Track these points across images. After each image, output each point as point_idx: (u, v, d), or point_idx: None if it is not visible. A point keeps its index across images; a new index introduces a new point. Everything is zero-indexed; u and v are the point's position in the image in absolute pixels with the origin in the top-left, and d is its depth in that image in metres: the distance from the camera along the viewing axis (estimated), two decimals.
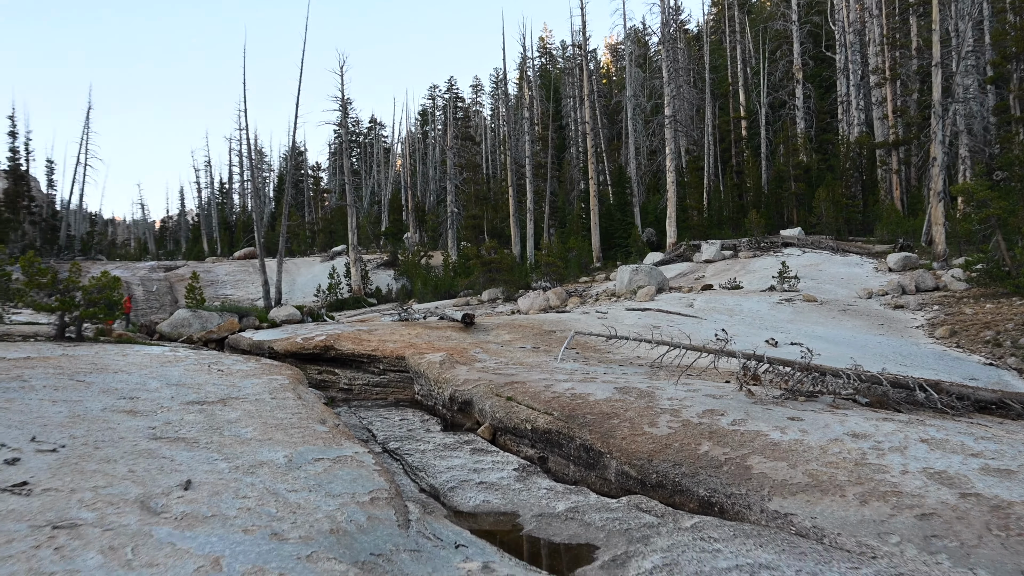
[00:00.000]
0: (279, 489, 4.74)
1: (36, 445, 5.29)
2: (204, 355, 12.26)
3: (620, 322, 13.33)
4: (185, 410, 7.07)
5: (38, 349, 11.07)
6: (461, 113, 54.00)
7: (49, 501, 4.08)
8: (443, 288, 28.21)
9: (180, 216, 69.98)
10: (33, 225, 46.15)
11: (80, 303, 12.74)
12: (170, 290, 30.52)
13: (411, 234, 47.90)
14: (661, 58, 35.49)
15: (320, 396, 9.92)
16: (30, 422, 6.07)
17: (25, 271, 12.74)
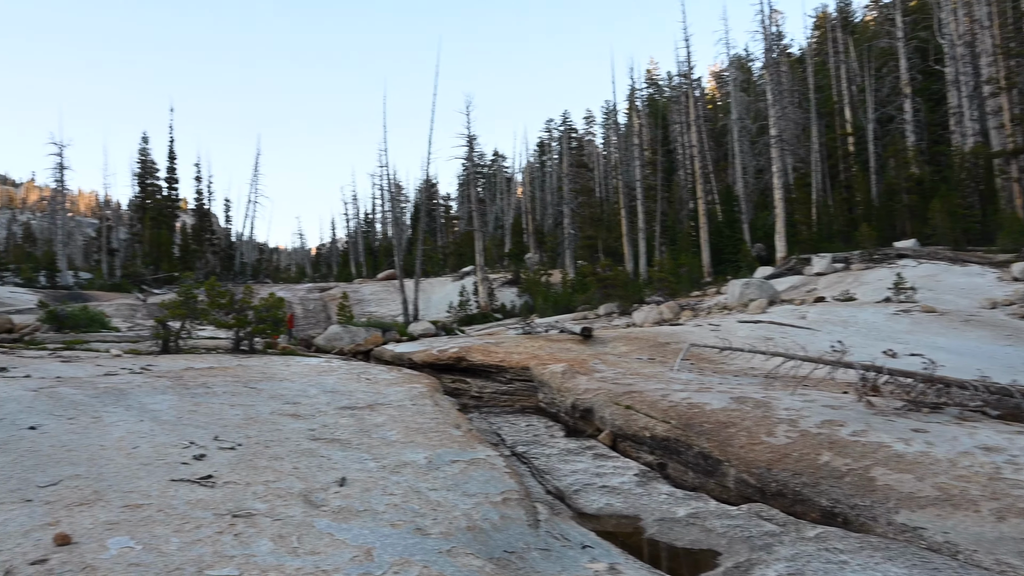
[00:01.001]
0: (421, 488, 5.24)
1: (218, 443, 6.21)
2: (354, 365, 13.47)
3: (733, 334, 13.34)
4: (339, 414, 7.89)
5: (219, 360, 12.62)
6: (575, 143, 55.11)
7: (229, 492, 4.81)
8: (562, 303, 28.85)
9: (331, 243, 74.90)
10: (214, 254, 51.25)
11: (252, 320, 14.39)
12: (324, 308, 32.95)
13: (532, 254, 49.46)
14: (765, 81, 34.99)
15: (454, 403, 10.64)
16: (213, 423, 7.12)
17: (208, 294, 14.60)
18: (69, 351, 13.91)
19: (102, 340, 17.31)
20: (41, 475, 5.03)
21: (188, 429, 6.75)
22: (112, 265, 48.25)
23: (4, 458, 5.42)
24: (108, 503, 4.46)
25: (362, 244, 62.59)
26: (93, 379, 9.65)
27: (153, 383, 9.39)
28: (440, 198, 64.62)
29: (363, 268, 57.87)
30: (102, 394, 8.41)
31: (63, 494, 4.60)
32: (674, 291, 26.56)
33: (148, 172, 52.28)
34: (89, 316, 20.21)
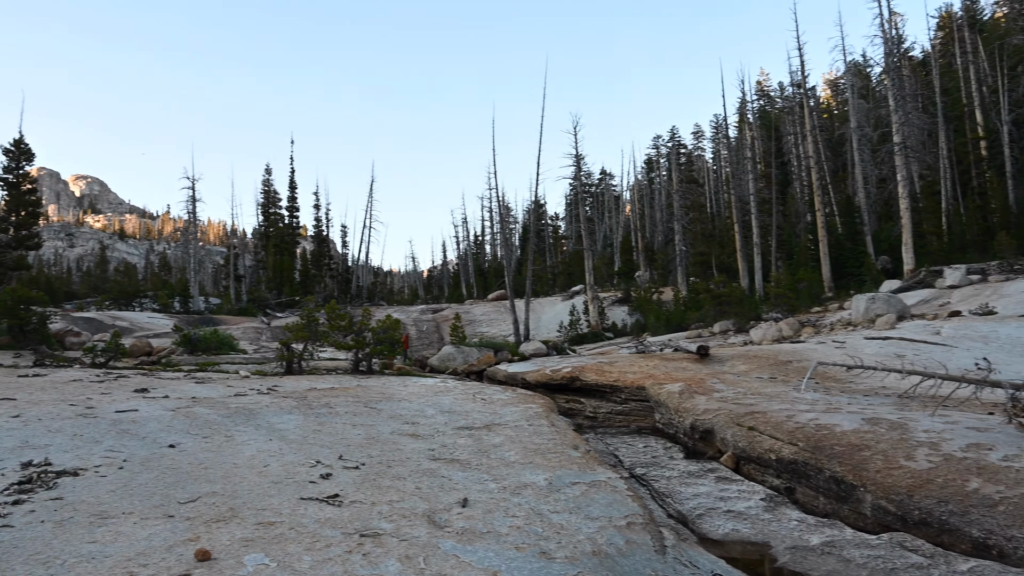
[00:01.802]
0: (543, 510, 5.17)
1: (343, 463, 6.34)
2: (469, 385, 13.60)
3: (860, 351, 12.61)
4: (457, 434, 7.94)
5: (339, 381, 13.03)
6: (684, 158, 54.16)
7: (356, 512, 4.88)
8: (675, 321, 28.19)
9: (443, 265, 76.65)
10: (332, 278, 53.48)
11: (370, 342, 14.82)
12: (437, 329, 33.54)
13: (642, 272, 48.76)
14: (886, 87, 33.13)
15: (570, 423, 10.55)
16: (337, 442, 7.30)
17: (329, 316, 15.16)
18: (202, 372, 14.71)
19: (231, 362, 18.24)
20: (181, 491, 5.27)
21: (314, 448, 6.94)
22: (239, 290, 51.00)
23: (148, 475, 5.72)
24: (243, 520, 4.60)
25: (472, 265, 63.67)
26: (225, 399, 10.13)
27: (280, 403, 9.75)
28: (548, 218, 64.97)
29: (474, 289, 58.84)
30: (233, 414, 8.79)
31: (201, 510, 4.79)
32: (793, 307, 25.53)
33: (271, 201, 55.15)
34: (219, 339, 21.38)
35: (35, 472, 5.64)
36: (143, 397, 10.13)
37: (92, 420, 8.00)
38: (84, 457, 6.23)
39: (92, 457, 6.24)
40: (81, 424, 7.74)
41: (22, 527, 4.35)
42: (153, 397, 10.15)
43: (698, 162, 60.57)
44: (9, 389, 10.58)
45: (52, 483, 5.36)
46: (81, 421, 7.92)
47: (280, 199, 55.08)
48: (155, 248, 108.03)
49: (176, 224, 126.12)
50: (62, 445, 6.67)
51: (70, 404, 9.13)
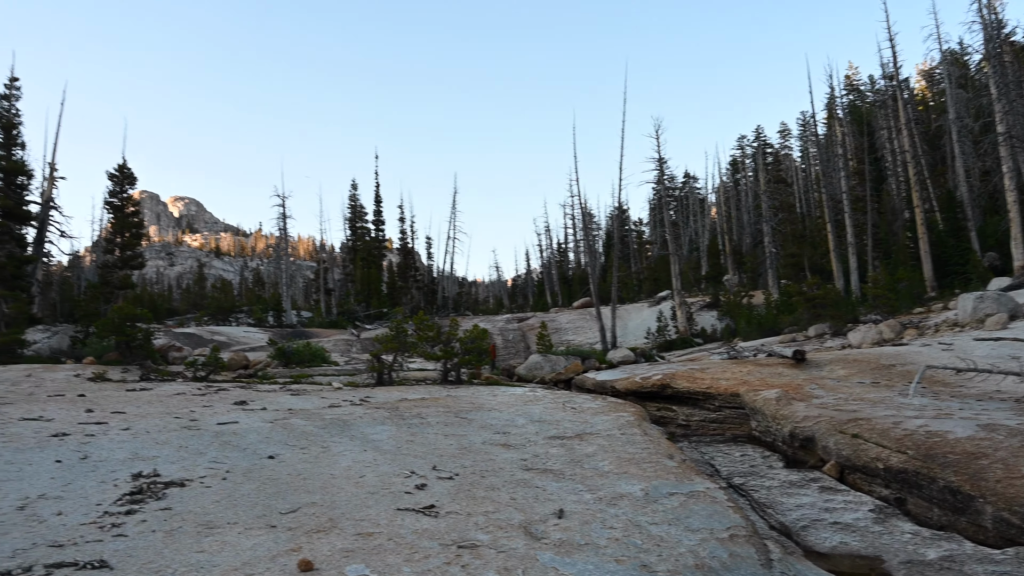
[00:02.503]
0: (641, 521, 5.04)
1: (437, 473, 6.36)
2: (558, 394, 13.50)
3: (970, 353, 11.84)
4: (548, 444, 7.85)
5: (429, 391, 13.16)
6: (770, 158, 52.56)
7: (452, 523, 4.86)
8: (766, 326, 27.30)
9: (526, 274, 76.80)
10: (418, 290, 54.35)
11: (458, 352, 14.93)
12: (523, 338, 33.58)
13: (730, 276, 47.51)
14: (986, 75, 31.18)
15: (662, 432, 10.31)
16: (430, 453, 7.33)
17: (417, 327, 15.36)
18: (296, 384, 15.10)
19: (323, 374, 18.68)
20: (282, 502, 5.36)
21: (407, 459, 6.98)
22: (329, 304, 52.39)
23: (250, 485, 5.86)
24: (342, 531, 4.64)
25: (556, 273, 63.53)
26: (319, 411, 10.34)
27: (372, 414, 9.88)
28: (632, 223, 64.27)
29: (558, 297, 58.68)
30: (328, 425, 8.96)
31: (302, 521, 4.86)
32: (893, 308, 24.33)
33: (357, 216, 56.49)
34: (311, 352, 21.95)
35: (145, 483, 5.85)
36: (242, 409, 10.45)
37: (196, 432, 8.29)
38: (189, 468, 6.44)
39: (197, 468, 6.45)
40: (186, 436, 8.03)
41: (135, 536, 4.50)
42: (252, 409, 10.46)
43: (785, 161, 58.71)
44: (119, 403, 11.09)
45: (161, 493, 5.54)
46: (185, 433, 8.21)
47: (366, 213, 56.37)
48: (249, 264, 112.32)
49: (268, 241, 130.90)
50: (169, 457, 6.92)
51: (175, 417, 9.49)
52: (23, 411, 9.89)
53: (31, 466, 6.44)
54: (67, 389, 13.61)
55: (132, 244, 26.24)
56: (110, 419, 9.23)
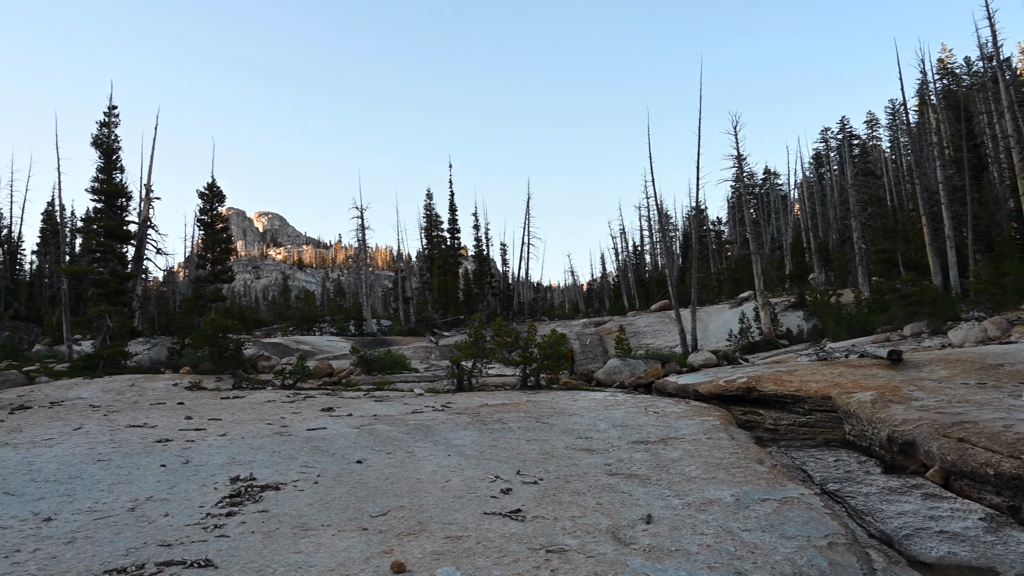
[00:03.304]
0: (732, 527, 4.94)
1: (521, 478, 6.38)
2: (639, 399, 13.33)
3: None
4: (632, 448, 7.78)
5: (509, 396, 13.22)
6: (857, 150, 50.42)
7: (539, 527, 4.87)
8: (857, 325, 26.21)
9: (602, 278, 76.24)
10: (494, 296, 54.81)
11: (536, 357, 14.95)
12: (600, 342, 33.33)
13: (816, 274, 45.81)
14: None
15: (750, 436, 10.04)
16: (513, 457, 7.36)
17: (495, 333, 15.47)
18: (379, 391, 15.41)
19: (404, 380, 19.00)
20: (372, 505, 5.48)
21: (491, 463, 7.03)
22: (407, 312, 53.29)
23: (341, 489, 6.01)
24: (432, 534, 4.71)
25: (632, 276, 62.84)
26: (403, 416, 10.52)
27: (455, 419, 9.99)
28: (710, 223, 63.08)
29: (635, 300, 58.01)
30: (412, 430, 9.10)
31: (392, 524, 4.95)
32: (999, 304, 23.01)
33: (433, 225, 57.36)
34: (392, 359, 22.35)
35: (242, 486, 6.07)
36: (329, 416, 10.72)
37: (287, 438, 8.55)
38: (283, 472, 6.66)
39: (290, 472, 6.65)
40: (278, 442, 8.30)
41: (236, 537, 4.68)
42: (338, 416, 10.72)
43: (873, 152, 56.38)
44: (215, 410, 11.55)
45: (258, 496, 5.75)
46: (278, 439, 8.49)
47: (441, 222, 57.17)
48: (330, 275, 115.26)
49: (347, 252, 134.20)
50: (263, 461, 7.17)
51: (267, 423, 9.81)
52: (129, 418, 10.41)
53: (139, 470, 6.78)
54: (167, 397, 14.25)
55: (222, 259, 27.31)
56: (208, 425, 9.62)
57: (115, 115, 27.08)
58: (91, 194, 25.04)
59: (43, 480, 6.35)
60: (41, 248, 48.57)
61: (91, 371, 20.26)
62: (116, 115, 27.10)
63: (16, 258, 49.29)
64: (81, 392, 15.74)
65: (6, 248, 48.07)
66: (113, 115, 27.02)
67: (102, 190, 24.86)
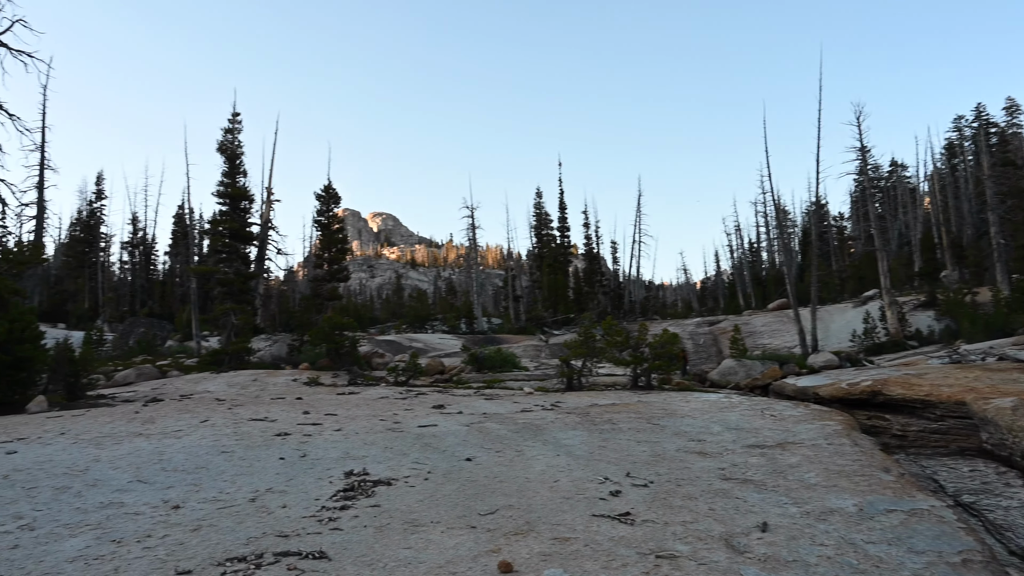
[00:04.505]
0: (855, 539, 4.68)
1: (631, 480, 6.26)
2: (755, 401, 12.86)
3: None
4: (747, 453, 7.50)
5: (619, 396, 13.06)
6: (995, 138, 46.72)
7: (649, 531, 4.76)
8: (995, 326, 24.28)
9: (716, 276, 74.29)
10: (604, 295, 54.44)
11: (648, 357, 14.70)
12: (714, 342, 32.42)
13: (949, 272, 42.73)
14: None
15: (875, 443, 9.54)
16: (623, 459, 7.24)
17: (605, 332, 15.32)
18: (489, 389, 15.56)
19: (514, 379, 19.12)
20: (480, 503, 5.50)
21: (600, 465, 6.93)
22: (517, 310, 53.73)
23: (450, 486, 6.07)
24: (539, 534, 4.67)
25: (748, 274, 60.83)
26: (512, 415, 10.56)
27: (564, 419, 9.94)
28: (831, 219, 60.24)
29: (751, 299, 56.14)
30: (521, 429, 9.12)
31: (500, 523, 4.96)
32: None
33: (542, 223, 57.53)
34: (502, 357, 22.56)
35: (356, 480, 6.24)
36: (440, 413, 10.90)
37: (399, 434, 8.74)
38: (395, 468, 6.80)
39: (401, 468, 6.79)
40: (390, 438, 8.49)
41: (349, 530, 4.80)
42: (449, 413, 10.88)
43: (1014, 141, 52.25)
44: (331, 405, 11.96)
45: (370, 491, 5.88)
46: (390, 435, 8.69)
47: (551, 220, 57.24)
48: (441, 274, 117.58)
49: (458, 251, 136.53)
50: (376, 457, 7.35)
51: (380, 419, 10.07)
52: (251, 412, 10.93)
53: (259, 462, 7.09)
54: (287, 392, 14.90)
55: (338, 258, 28.35)
56: (324, 420, 9.97)
57: (238, 121, 28.60)
58: (217, 197, 26.59)
59: (172, 470, 6.74)
60: (172, 249, 52.06)
61: (217, 366, 21.48)
62: (239, 121, 28.62)
63: (150, 259, 53.07)
64: (208, 386, 16.70)
65: (141, 250, 51.78)
66: (236, 122, 28.54)
67: (227, 193, 26.32)
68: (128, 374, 19.72)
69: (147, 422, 9.79)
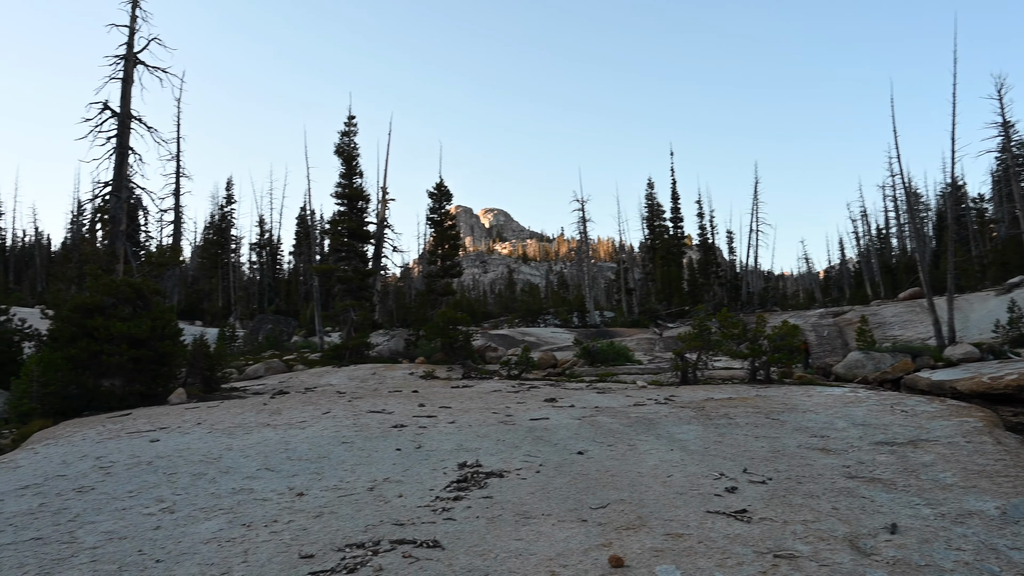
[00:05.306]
0: (997, 544, 4.36)
1: (747, 476, 6.06)
2: (883, 396, 12.15)
3: None
4: (875, 450, 7.10)
5: (736, 390, 12.67)
6: None
7: (767, 530, 4.59)
8: None
9: (840, 265, 70.75)
10: (720, 286, 53.06)
11: (766, 349, 14.18)
12: (840, 334, 30.91)
13: None
14: None
15: (1021, 441, 8.89)
16: (739, 455, 7.01)
17: (721, 325, 14.90)
18: (601, 383, 15.44)
19: (627, 372, 18.91)
20: (591, 497, 5.46)
21: (715, 460, 6.75)
22: (630, 303, 53.14)
23: (561, 479, 6.06)
24: (651, 529, 4.59)
25: (876, 262, 57.49)
26: (625, 409, 10.44)
27: (678, 413, 9.74)
28: (969, 201, 56.19)
29: (879, 288, 53.11)
30: (634, 423, 9.00)
31: (611, 517, 4.90)
32: None
33: (654, 214, 56.52)
34: (615, 351, 22.35)
35: (469, 472, 6.33)
36: (552, 406, 10.91)
37: (511, 427, 8.81)
38: (507, 460, 6.85)
39: (513, 461, 6.83)
40: (502, 430, 8.57)
41: (461, 520, 4.88)
42: (561, 406, 10.87)
43: None
44: (445, 398, 12.21)
45: (482, 483, 5.96)
46: (502, 428, 8.78)
47: (663, 211, 56.15)
48: (552, 268, 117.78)
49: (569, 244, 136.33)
50: (488, 449, 7.44)
51: (492, 412, 10.19)
52: (370, 404, 11.31)
53: (377, 452, 7.32)
54: (403, 386, 15.32)
55: (450, 255, 28.89)
56: (438, 413, 10.19)
57: (353, 125, 29.60)
58: (335, 198, 27.66)
59: (297, 459, 7.06)
60: (296, 249, 54.66)
61: (338, 360, 22.36)
62: (354, 125, 29.62)
63: (276, 259, 55.89)
64: (330, 379, 17.40)
65: (268, 250, 54.62)
66: (352, 125, 29.55)
67: (344, 194, 27.32)
68: (257, 368, 20.85)
69: (274, 413, 10.30)
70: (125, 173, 20.30)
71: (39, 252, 55.12)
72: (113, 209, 20.30)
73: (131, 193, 20.99)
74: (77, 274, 30.46)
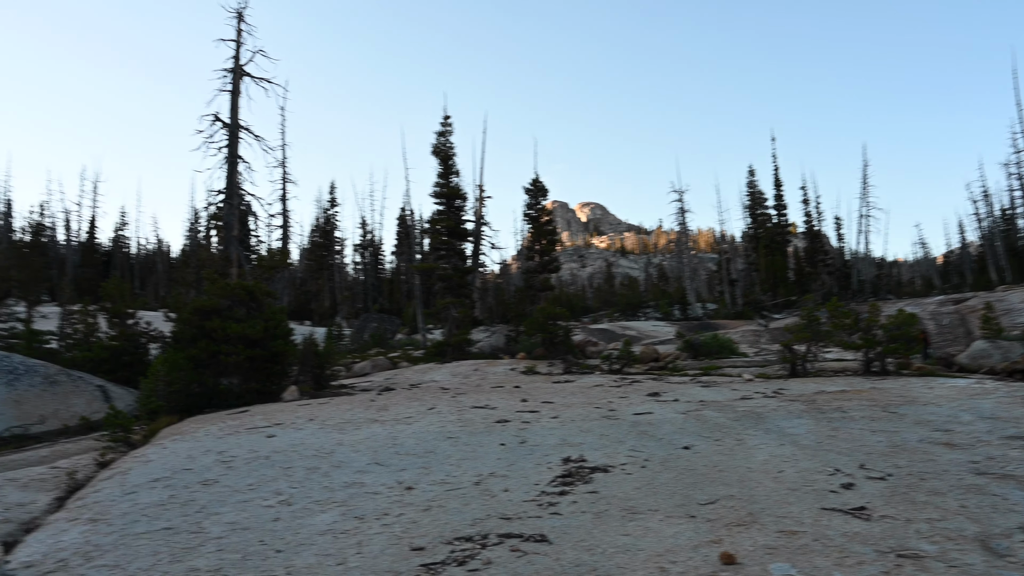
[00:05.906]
0: None
1: (865, 472, 5.81)
2: (1014, 387, 11.33)
3: None
4: (1006, 445, 6.66)
5: (849, 382, 12.15)
6: None
7: (887, 528, 4.40)
8: None
9: (960, 249, 66.61)
10: (829, 275, 50.86)
11: (881, 340, 13.51)
12: (962, 322, 29.12)
13: None
14: None
15: None
16: (855, 450, 6.72)
17: (831, 315, 14.29)
18: (706, 376, 15.12)
19: (732, 365, 18.45)
20: (699, 493, 5.37)
21: (829, 455, 6.50)
22: (733, 294, 51.84)
23: (667, 475, 5.98)
24: (763, 526, 4.48)
25: (1001, 245, 53.77)
26: (731, 402, 10.19)
27: (787, 407, 9.44)
28: None
29: (1005, 272, 49.60)
30: (741, 417, 8.78)
31: (721, 513, 4.81)
32: None
33: (757, 203, 54.73)
34: (719, 343, 21.85)
35: (573, 467, 6.34)
36: (655, 400, 10.77)
37: (614, 422, 8.76)
38: (611, 455, 6.82)
39: (617, 456, 6.80)
40: (605, 425, 8.53)
41: (568, 515, 4.90)
42: (664, 400, 10.72)
43: None
44: (547, 393, 12.25)
45: (587, 478, 5.95)
46: (605, 422, 8.73)
47: (765, 199, 54.23)
48: (652, 261, 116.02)
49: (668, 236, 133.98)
50: (592, 444, 7.42)
51: (595, 407, 10.15)
52: (473, 400, 11.47)
53: (482, 447, 7.43)
54: (505, 381, 15.47)
55: (548, 250, 28.92)
56: (541, 408, 10.23)
57: (449, 124, 30.01)
58: (433, 198, 28.17)
59: (404, 454, 7.24)
60: (397, 249, 56.08)
61: (441, 357, 22.79)
62: (450, 124, 30.03)
63: (378, 259, 57.52)
64: (434, 376, 17.76)
65: (370, 251, 56.25)
66: (447, 124, 29.97)
67: (442, 193, 27.80)
68: (364, 365, 21.52)
69: (381, 409, 10.59)
70: (236, 181, 21.25)
71: (161, 259, 58.86)
72: (226, 216, 21.31)
73: (242, 200, 21.99)
74: (195, 278, 32.34)
